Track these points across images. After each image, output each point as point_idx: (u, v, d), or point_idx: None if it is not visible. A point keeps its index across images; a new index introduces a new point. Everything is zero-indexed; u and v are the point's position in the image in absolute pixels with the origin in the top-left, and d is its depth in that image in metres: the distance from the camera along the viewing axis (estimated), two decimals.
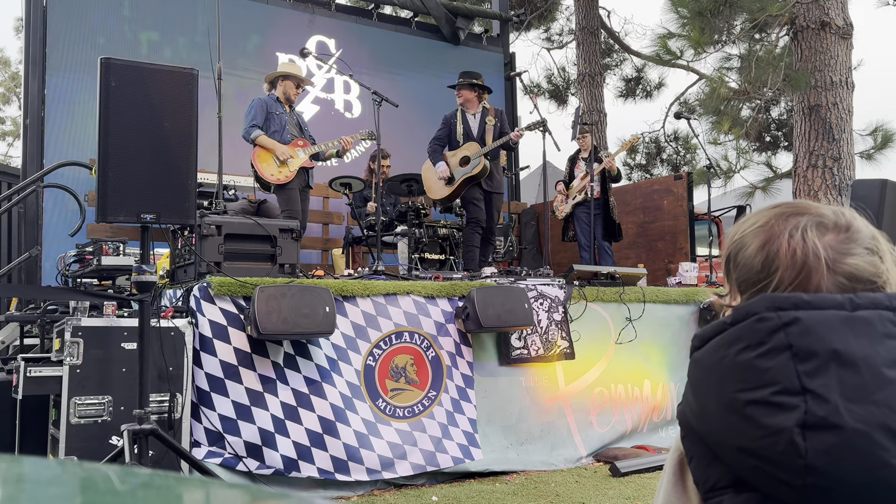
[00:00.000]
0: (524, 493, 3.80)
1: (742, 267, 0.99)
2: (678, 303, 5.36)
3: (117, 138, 2.98)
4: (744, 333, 0.89)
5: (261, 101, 5.49)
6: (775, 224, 0.97)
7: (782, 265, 0.94)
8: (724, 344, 0.91)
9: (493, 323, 4.25)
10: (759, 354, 0.86)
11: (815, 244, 0.93)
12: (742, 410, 0.86)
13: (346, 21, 8.23)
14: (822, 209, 0.97)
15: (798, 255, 0.93)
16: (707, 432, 0.92)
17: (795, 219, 0.96)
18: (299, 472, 3.69)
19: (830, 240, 0.94)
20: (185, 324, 3.57)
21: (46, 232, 6.08)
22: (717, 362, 0.91)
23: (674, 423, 5.18)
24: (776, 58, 7.62)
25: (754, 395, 0.85)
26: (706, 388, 0.92)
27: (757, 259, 0.97)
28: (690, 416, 0.95)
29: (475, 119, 5.90)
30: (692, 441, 0.95)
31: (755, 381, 0.86)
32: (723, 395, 0.88)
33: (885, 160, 8.59)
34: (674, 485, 1.00)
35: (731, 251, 1.01)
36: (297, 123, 5.63)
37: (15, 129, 21.50)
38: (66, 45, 6.54)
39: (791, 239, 0.94)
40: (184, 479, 0.79)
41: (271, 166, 5.29)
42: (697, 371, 0.95)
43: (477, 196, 5.78)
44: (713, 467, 0.92)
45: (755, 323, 0.88)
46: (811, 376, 0.83)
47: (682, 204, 7.13)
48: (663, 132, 12.67)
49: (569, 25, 13.36)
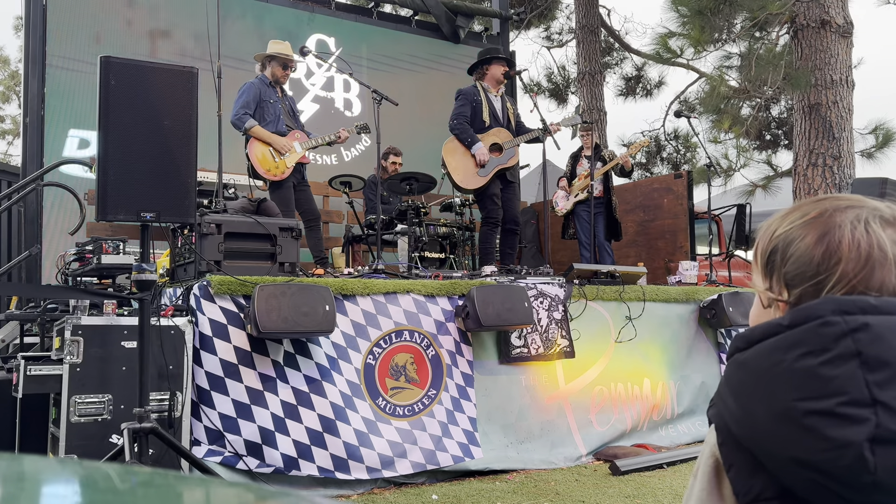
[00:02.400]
0: (524, 492, 3.80)
1: (795, 260, 0.93)
2: (678, 301, 5.36)
3: (117, 137, 2.98)
4: (805, 337, 0.83)
5: (252, 84, 5.28)
6: (832, 216, 0.91)
7: (845, 258, 0.88)
8: (779, 348, 0.85)
9: (493, 321, 4.25)
10: (823, 361, 0.80)
11: (881, 237, 0.88)
12: (801, 420, 0.80)
13: (345, 19, 8.22)
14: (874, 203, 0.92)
15: (863, 248, 0.88)
16: (752, 440, 0.86)
17: (854, 211, 0.91)
18: (299, 470, 3.69)
19: (893, 234, 0.89)
20: (185, 322, 3.56)
21: (46, 230, 6.08)
22: (769, 367, 0.85)
23: (673, 422, 5.19)
24: (776, 56, 7.62)
25: (817, 406, 0.79)
26: (753, 394, 0.86)
27: (815, 252, 0.90)
28: (731, 421, 0.89)
29: (497, 101, 5.60)
30: (731, 448, 0.90)
31: (818, 390, 0.80)
32: (777, 402, 0.83)
33: (885, 158, 8.61)
34: (709, 493, 0.93)
35: (778, 244, 0.95)
36: (291, 110, 5.48)
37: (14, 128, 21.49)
38: (65, 44, 6.54)
39: (854, 231, 0.89)
40: (184, 478, 0.79)
41: (267, 161, 5.22)
42: (742, 374, 0.89)
43: (496, 192, 5.50)
44: (756, 477, 0.86)
45: (819, 327, 0.82)
46: (882, 387, 0.78)
47: (682, 202, 7.13)
48: (663, 131, 12.68)
49: (569, 24, 13.36)
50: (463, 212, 6.43)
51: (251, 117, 5.20)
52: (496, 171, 5.52)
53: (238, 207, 4.84)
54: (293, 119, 5.48)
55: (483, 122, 5.52)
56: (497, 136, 5.52)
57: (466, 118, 5.51)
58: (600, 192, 6.49)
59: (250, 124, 5.18)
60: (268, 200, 5.00)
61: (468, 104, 5.54)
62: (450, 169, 5.57)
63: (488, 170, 5.48)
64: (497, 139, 5.51)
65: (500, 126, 5.59)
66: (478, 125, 5.53)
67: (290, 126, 5.40)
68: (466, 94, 5.59)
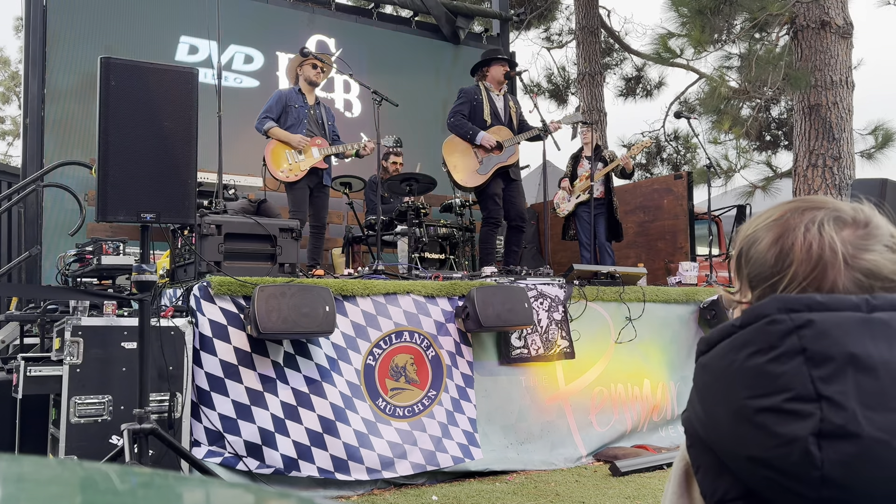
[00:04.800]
0: (524, 493, 3.80)
1: (754, 262, 0.95)
2: (678, 302, 5.36)
3: (117, 137, 2.98)
4: (754, 337, 0.84)
5: (280, 92, 5.44)
6: (790, 218, 0.93)
7: (797, 260, 0.90)
8: (732, 348, 0.86)
9: (493, 322, 4.24)
10: (770, 359, 0.82)
11: (832, 238, 0.89)
12: (753, 418, 0.81)
13: (346, 20, 8.22)
14: (839, 204, 0.93)
15: (814, 250, 0.89)
16: (715, 441, 0.87)
17: (812, 213, 0.92)
18: (299, 471, 3.69)
19: (848, 235, 0.89)
20: (185, 323, 3.56)
21: (46, 231, 6.08)
22: (725, 367, 0.86)
23: (673, 423, 5.18)
24: (776, 57, 7.63)
25: (766, 402, 0.81)
26: (714, 395, 0.87)
27: (770, 253, 0.92)
28: (697, 424, 0.90)
29: (500, 100, 5.62)
30: (699, 450, 0.91)
31: (766, 387, 0.81)
32: (732, 402, 0.84)
33: (885, 159, 8.61)
34: (679, 496, 0.95)
35: (744, 246, 0.97)
36: (319, 118, 5.50)
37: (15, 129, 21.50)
38: (65, 44, 6.54)
39: (807, 233, 0.90)
40: (184, 479, 0.79)
41: (282, 163, 5.24)
42: (704, 377, 0.90)
43: (497, 192, 5.49)
44: (722, 478, 0.87)
45: (766, 325, 0.84)
46: (826, 382, 0.79)
47: (682, 203, 7.13)
48: (663, 131, 12.67)
49: (569, 25, 13.36)
50: (463, 212, 6.42)
51: (272, 120, 5.30)
52: (496, 170, 5.51)
53: (238, 208, 4.84)
54: (319, 127, 5.47)
55: (484, 120, 5.52)
56: (497, 135, 5.51)
57: (464, 115, 5.51)
58: (601, 192, 6.49)
59: (269, 126, 5.28)
60: (267, 201, 5.00)
61: (468, 102, 5.54)
62: (450, 167, 5.56)
63: (488, 168, 5.47)
64: (497, 137, 5.50)
65: (500, 125, 5.58)
66: (478, 124, 5.52)
67: (313, 132, 5.40)
68: (467, 93, 5.61)
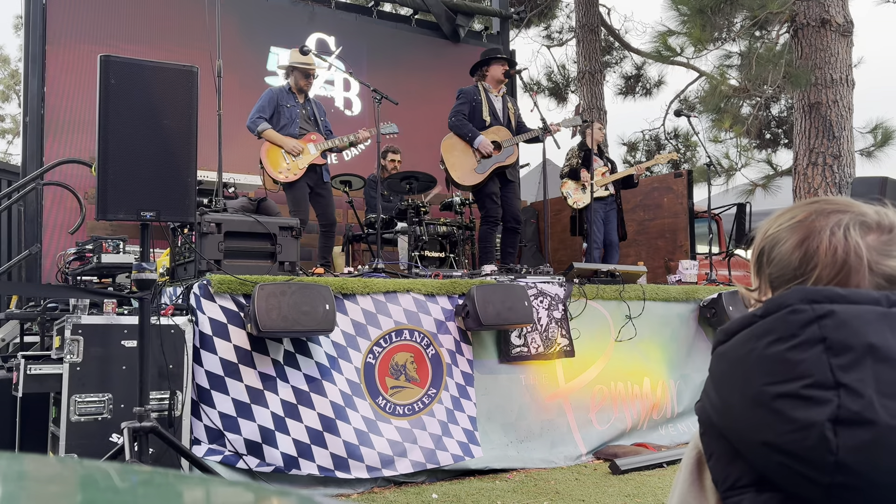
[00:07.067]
0: (524, 491, 3.80)
1: (777, 262, 0.95)
2: (678, 300, 5.36)
3: (117, 136, 2.98)
4: (775, 325, 0.86)
5: (272, 91, 5.45)
6: (815, 220, 0.93)
7: (821, 263, 0.91)
8: (752, 336, 0.87)
9: (493, 321, 4.25)
10: (790, 347, 0.83)
11: (858, 244, 0.90)
12: (770, 404, 0.83)
13: (345, 18, 8.21)
14: (863, 208, 0.94)
15: (839, 254, 0.90)
16: (730, 428, 0.88)
17: (837, 216, 0.93)
18: (299, 469, 3.69)
19: (873, 240, 0.90)
20: (186, 321, 3.56)
21: (46, 229, 6.08)
22: (744, 355, 0.87)
23: (673, 421, 5.19)
24: (776, 55, 7.62)
25: (784, 388, 0.82)
26: (731, 383, 0.89)
27: (794, 255, 0.93)
28: (711, 411, 0.91)
29: (498, 101, 5.65)
30: (712, 437, 0.92)
31: (786, 373, 0.83)
32: (749, 388, 0.85)
33: (886, 157, 8.61)
34: (690, 483, 0.96)
35: (765, 246, 0.98)
36: (311, 115, 5.53)
37: (15, 127, 21.49)
38: (65, 43, 6.54)
39: (832, 237, 0.91)
40: (184, 477, 0.79)
41: (280, 164, 5.26)
42: (722, 365, 0.91)
43: (495, 191, 5.52)
44: (734, 465, 0.89)
45: (788, 315, 0.85)
46: (845, 370, 0.80)
47: (682, 201, 7.13)
48: (663, 130, 12.67)
49: (569, 23, 13.35)
50: (463, 211, 6.42)
51: (265, 121, 5.30)
52: (494, 169, 5.52)
53: (238, 206, 4.84)
54: (312, 123, 5.50)
55: (483, 120, 5.54)
56: (496, 135, 5.52)
57: (465, 115, 5.54)
58: (613, 190, 6.57)
59: (263, 127, 5.29)
60: (268, 200, 5.00)
61: (468, 102, 5.57)
62: (448, 166, 5.58)
63: (486, 167, 5.48)
64: (496, 137, 5.52)
65: (499, 125, 5.59)
66: (477, 124, 5.54)
67: (307, 130, 5.43)
68: (467, 93, 5.63)
